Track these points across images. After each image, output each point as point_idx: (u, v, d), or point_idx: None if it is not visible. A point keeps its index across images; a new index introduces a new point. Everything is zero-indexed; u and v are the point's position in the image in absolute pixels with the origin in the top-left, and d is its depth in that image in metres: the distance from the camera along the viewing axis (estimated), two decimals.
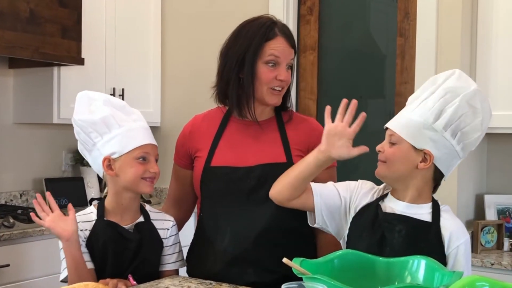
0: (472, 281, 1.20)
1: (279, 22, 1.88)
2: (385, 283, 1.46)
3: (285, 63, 1.84)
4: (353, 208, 1.70)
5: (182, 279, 1.79)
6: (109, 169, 1.78)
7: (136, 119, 1.81)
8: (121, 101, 1.85)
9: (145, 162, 1.77)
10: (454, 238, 1.59)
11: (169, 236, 1.86)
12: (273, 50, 1.82)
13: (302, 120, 1.97)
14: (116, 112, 1.78)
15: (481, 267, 2.63)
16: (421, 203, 1.64)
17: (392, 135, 1.62)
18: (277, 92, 1.85)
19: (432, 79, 1.66)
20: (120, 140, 1.75)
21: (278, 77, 1.83)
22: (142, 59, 3.77)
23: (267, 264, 1.81)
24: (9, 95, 3.33)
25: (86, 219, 1.80)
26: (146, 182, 1.78)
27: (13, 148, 3.35)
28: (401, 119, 1.62)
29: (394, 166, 1.62)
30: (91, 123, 1.76)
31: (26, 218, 2.81)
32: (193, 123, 2.00)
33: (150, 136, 1.82)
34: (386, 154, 1.61)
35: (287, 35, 1.85)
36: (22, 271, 2.69)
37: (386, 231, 1.60)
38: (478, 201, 3.05)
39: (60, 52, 3.05)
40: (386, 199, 1.68)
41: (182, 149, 1.99)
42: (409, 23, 3.13)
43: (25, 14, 2.89)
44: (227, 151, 1.89)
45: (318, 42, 3.46)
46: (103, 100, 1.78)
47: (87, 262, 1.74)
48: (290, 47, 1.85)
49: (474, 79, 2.90)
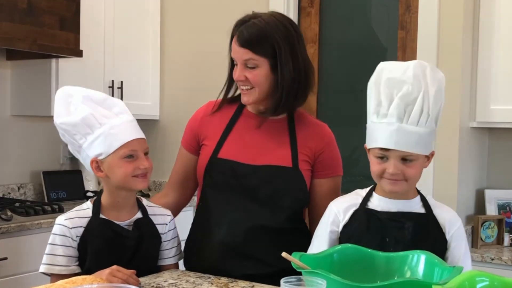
0: (471, 276, 1.19)
1: (250, 20, 1.81)
2: (384, 278, 1.45)
3: (240, 63, 1.82)
4: (342, 225, 1.67)
5: (181, 273, 1.79)
6: (99, 171, 1.72)
7: (119, 112, 1.73)
8: (101, 94, 1.75)
9: (134, 159, 1.71)
10: (452, 224, 1.63)
11: (168, 231, 1.85)
12: (231, 50, 1.85)
13: (314, 124, 1.95)
14: (97, 108, 1.70)
15: (481, 262, 2.63)
16: (412, 197, 1.65)
17: (407, 155, 1.56)
18: (243, 91, 1.85)
19: (390, 83, 1.57)
20: (104, 140, 1.68)
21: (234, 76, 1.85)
22: (141, 52, 3.75)
23: (264, 257, 1.81)
24: (6, 87, 3.31)
25: (82, 215, 1.74)
26: (138, 179, 1.72)
27: (10, 140, 3.34)
28: (410, 137, 1.55)
29: (416, 179, 1.61)
30: (72, 125, 1.69)
31: (24, 211, 2.80)
32: (206, 109, 1.99)
33: (135, 130, 1.74)
34: (408, 174, 1.57)
35: (239, 35, 1.80)
36: (19, 264, 2.68)
37: (395, 230, 1.59)
38: (478, 196, 3.04)
39: (58, 44, 3.03)
40: (373, 200, 1.66)
41: (191, 133, 1.98)
42: (410, 16, 3.11)
43: (22, 5, 2.87)
44: (235, 144, 1.89)
45: (319, 34, 3.44)
46: (82, 97, 1.70)
47: (73, 266, 1.71)
48: (240, 47, 1.80)
49: (476, 73, 2.89)
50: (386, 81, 1.58)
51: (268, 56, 1.80)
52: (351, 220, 1.65)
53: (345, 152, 2.40)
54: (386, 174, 1.58)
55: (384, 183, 1.60)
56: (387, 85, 1.58)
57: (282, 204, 1.83)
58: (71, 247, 1.70)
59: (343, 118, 3.32)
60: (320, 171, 1.90)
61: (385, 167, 1.57)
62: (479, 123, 2.90)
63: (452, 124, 2.81)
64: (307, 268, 1.34)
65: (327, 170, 1.90)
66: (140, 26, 3.72)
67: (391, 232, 1.59)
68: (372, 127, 1.61)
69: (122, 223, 1.76)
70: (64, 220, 1.71)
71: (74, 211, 1.76)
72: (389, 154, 1.57)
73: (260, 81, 1.81)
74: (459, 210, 2.81)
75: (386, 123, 1.56)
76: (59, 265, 1.69)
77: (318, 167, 1.89)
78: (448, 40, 2.84)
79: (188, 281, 1.69)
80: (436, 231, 1.61)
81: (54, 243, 1.70)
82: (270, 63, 1.80)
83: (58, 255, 1.69)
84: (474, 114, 2.90)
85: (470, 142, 2.95)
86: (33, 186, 3.43)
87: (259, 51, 1.79)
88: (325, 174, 1.90)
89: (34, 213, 2.81)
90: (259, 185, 1.83)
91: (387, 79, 1.58)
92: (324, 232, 1.69)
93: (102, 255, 1.71)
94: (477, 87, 2.89)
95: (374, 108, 1.60)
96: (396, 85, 1.56)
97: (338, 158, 1.94)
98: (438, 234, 1.61)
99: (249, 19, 1.82)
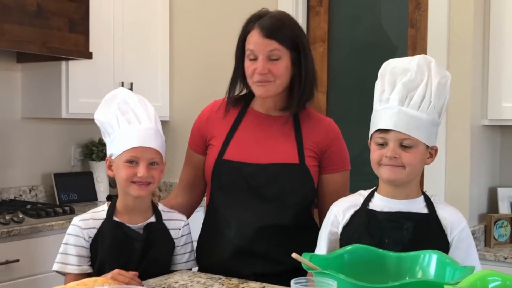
0: (483, 276, 1.18)
1: (267, 14, 1.84)
2: (395, 278, 1.44)
3: (263, 55, 1.80)
4: (341, 225, 1.66)
5: (191, 274, 1.79)
6: (109, 169, 1.82)
7: (142, 119, 1.78)
8: (137, 98, 1.82)
9: (135, 165, 1.74)
10: (455, 226, 1.60)
11: (181, 236, 1.86)
12: (249, 43, 1.83)
13: (319, 120, 1.94)
14: (127, 112, 1.77)
15: (494, 261, 2.60)
16: (415, 197, 1.63)
17: (406, 139, 1.55)
18: (261, 84, 1.82)
19: (395, 71, 1.60)
20: (117, 142, 1.77)
21: (256, 70, 1.81)
22: (151, 53, 3.75)
23: (273, 255, 1.81)
24: (17, 90, 3.32)
25: (97, 217, 1.79)
26: (134, 185, 1.75)
27: (22, 143, 3.35)
28: (410, 121, 1.55)
29: (415, 170, 1.59)
30: (101, 123, 1.80)
31: (35, 213, 2.81)
32: (211, 108, 1.99)
33: (146, 137, 1.76)
34: (406, 160, 1.55)
35: (264, 26, 1.81)
36: (32, 266, 2.69)
37: (393, 231, 1.57)
38: (491, 194, 3.01)
39: (67, 46, 3.04)
40: (374, 201, 1.65)
41: (198, 133, 1.98)
42: (420, 14, 3.09)
43: (32, 8, 2.88)
44: (241, 144, 1.88)
45: (328, 33, 3.43)
46: (121, 99, 1.79)
47: (85, 266, 1.75)
48: (265, 37, 1.80)
49: (487, 70, 2.86)
50: (391, 70, 1.60)
51: (289, 47, 1.82)
52: (351, 221, 1.64)
53: (355, 150, 2.39)
54: (384, 160, 1.56)
55: (382, 170, 1.58)
56: (392, 73, 1.60)
57: (290, 201, 1.83)
58: (84, 247, 1.75)
59: (353, 117, 3.31)
60: (328, 167, 1.89)
61: (383, 153, 1.57)
62: (490, 121, 2.88)
63: (463, 122, 2.79)
64: (317, 268, 1.34)
65: (335, 165, 1.89)
66: (149, 27, 3.73)
67: (389, 233, 1.57)
68: (374, 116, 1.62)
69: (134, 226, 1.78)
70: (78, 221, 1.77)
71: (90, 213, 1.81)
72: (388, 137, 1.56)
73: (282, 74, 1.82)
74: (471, 209, 2.79)
75: (388, 107, 1.57)
76: (71, 264, 1.74)
77: (326, 163, 1.88)
78: (458, 38, 2.81)
79: (199, 282, 1.69)
80: (437, 232, 1.58)
81: (67, 242, 1.76)
82: (291, 56, 1.82)
83: (71, 254, 1.75)
84: (485, 112, 2.88)
85: (482, 140, 2.92)
86: (44, 188, 3.44)
87: (283, 41, 1.81)
88: (333, 169, 1.89)
89: (45, 215, 2.83)
90: (266, 183, 1.82)
91: (392, 68, 1.61)
92: (323, 233, 1.69)
93: (111, 256, 1.74)
94: (488, 85, 2.87)
95: (378, 97, 1.61)
96: (400, 72, 1.59)
97: (345, 153, 1.93)
98: (439, 235, 1.58)
99: (264, 14, 1.84)
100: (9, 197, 3.26)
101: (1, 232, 2.57)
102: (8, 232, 2.60)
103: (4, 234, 2.58)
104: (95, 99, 3.10)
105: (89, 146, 3.57)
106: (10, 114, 3.29)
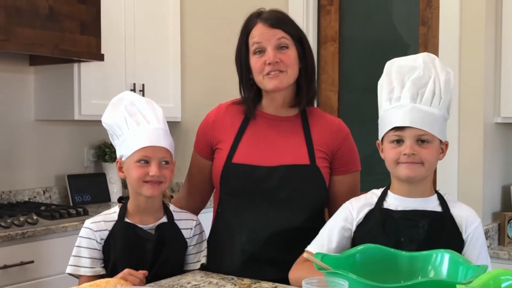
0: (496, 275, 1.17)
1: (265, 10, 1.87)
2: (408, 278, 1.43)
3: (271, 45, 1.80)
4: (356, 223, 1.65)
5: (203, 275, 1.79)
6: (120, 171, 1.83)
7: (150, 119, 1.78)
8: (145, 100, 1.83)
9: (146, 165, 1.75)
10: (469, 223, 1.60)
11: (193, 235, 1.86)
12: (253, 38, 1.83)
13: (328, 120, 1.92)
14: (135, 113, 1.78)
15: (508, 260, 2.59)
16: (429, 195, 1.63)
17: (423, 134, 1.55)
18: (273, 75, 1.80)
19: (401, 69, 1.61)
20: (127, 143, 1.77)
21: (266, 61, 1.80)
22: (162, 54, 3.76)
23: (285, 261, 1.77)
24: (30, 93, 3.34)
25: (108, 219, 1.80)
26: (147, 185, 1.75)
27: (35, 145, 3.38)
28: (425, 116, 1.55)
29: (432, 166, 1.59)
30: (109, 125, 1.81)
31: (49, 214, 2.83)
32: (217, 112, 1.97)
33: (156, 137, 1.77)
34: (424, 156, 1.55)
35: (267, 18, 1.82)
36: (46, 267, 2.71)
37: (409, 229, 1.57)
38: (504, 192, 2.99)
39: (79, 48, 3.06)
40: (388, 200, 1.64)
41: (204, 138, 1.96)
42: (431, 12, 3.08)
43: (44, 10, 2.90)
44: (249, 147, 1.86)
45: (339, 33, 3.42)
46: (128, 101, 1.80)
47: (98, 268, 1.76)
48: (270, 28, 1.81)
49: (500, 67, 2.84)
50: (397, 69, 1.61)
51: (295, 38, 1.83)
52: (366, 219, 1.63)
53: (366, 150, 2.38)
54: (402, 158, 1.56)
55: (400, 168, 1.57)
56: (399, 71, 1.60)
57: (302, 203, 1.81)
58: (96, 249, 1.76)
59: (364, 116, 3.29)
60: (339, 168, 1.87)
61: (400, 150, 1.56)
62: (504, 119, 2.86)
63: (476, 120, 2.77)
64: (329, 268, 1.33)
65: (346, 166, 1.88)
66: (160, 28, 3.74)
67: (405, 231, 1.57)
68: (385, 115, 1.61)
69: (146, 227, 1.79)
70: (90, 223, 1.78)
71: (102, 215, 1.82)
72: (404, 135, 1.56)
73: (293, 62, 1.82)
74: (484, 208, 2.77)
75: (400, 105, 1.57)
76: (84, 267, 1.75)
77: (337, 164, 1.87)
78: (470, 35, 2.79)
79: (211, 283, 1.69)
80: (452, 230, 1.58)
81: (80, 245, 1.77)
82: (297, 48, 1.83)
83: (83, 257, 1.75)
84: (498, 110, 2.86)
85: (495, 138, 2.90)
86: (58, 189, 3.47)
87: (289, 31, 1.82)
88: (345, 170, 1.88)
89: (59, 217, 2.84)
90: (277, 186, 1.80)
91: (398, 66, 1.61)
92: (337, 228, 1.66)
93: (124, 257, 1.74)
94: (501, 82, 2.85)
95: (386, 96, 1.61)
96: (407, 70, 1.59)
97: (356, 153, 1.92)
98: (454, 233, 1.58)
99: (263, 11, 1.87)
100: (23, 199, 3.28)
101: (16, 233, 2.59)
102: (23, 233, 2.62)
103: (18, 236, 2.60)
104: (107, 100, 3.07)
105: (102, 147, 3.59)
106: (23, 116, 3.32)
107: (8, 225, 2.62)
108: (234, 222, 1.85)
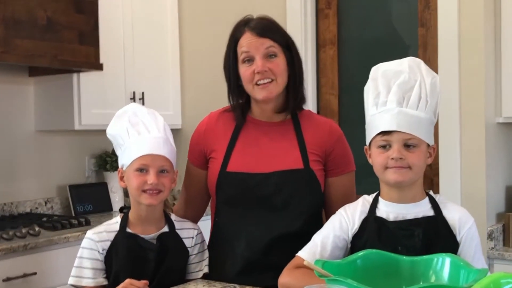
0: (497, 279, 1.17)
1: (253, 19, 1.86)
2: (409, 283, 1.42)
3: (259, 54, 1.80)
4: (351, 233, 1.64)
5: (205, 283, 1.79)
6: (121, 180, 1.83)
7: (151, 128, 1.79)
8: (146, 110, 1.84)
9: (145, 173, 1.75)
10: (463, 224, 1.58)
11: (194, 244, 1.86)
12: (241, 47, 1.83)
13: (320, 122, 1.92)
14: (137, 124, 1.79)
15: None
16: (419, 199, 1.61)
17: (410, 138, 1.55)
18: (263, 86, 1.81)
19: (387, 74, 1.60)
20: (127, 152, 1.78)
21: (255, 70, 1.80)
22: (161, 62, 3.76)
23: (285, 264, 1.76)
24: (30, 103, 3.35)
25: (110, 229, 1.80)
26: (145, 194, 1.75)
27: (36, 156, 3.37)
28: (411, 120, 1.54)
29: (420, 170, 1.58)
30: (113, 136, 1.83)
31: (51, 225, 2.83)
32: (208, 121, 1.97)
33: (155, 146, 1.77)
34: (411, 160, 1.54)
35: (254, 27, 1.82)
36: (49, 279, 2.71)
37: (405, 238, 1.56)
38: (508, 193, 2.98)
39: (78, 58, 3.06)
40: (380, 207, 1.62)
41: (197, 147, 1.95)
42: (430, 13, 3.07)
43: (42, 21, 2.90)
44: (243, 154, 1.86)
45: (338, 36, 3.41)
46: (131, 112, 1.82)
47: (101, 279, 1.75)
48: (258, 37, 1.81)
49: (500, 68, 2.83)
50: (383, 73, 1.60)
51: (283, 46, 1.83)
52: (362, 228, 1.61)
53: None
54: (390, 162, 1.55)
55: (389, 173, 1.56)
56: (384, 76, 1.60)
57: (299, 208, 1.81)
58: (98, 260, 1.76)
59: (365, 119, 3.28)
60: (333, 169, 1.87)
61: (388, 155, 1.55)
62: (505, 119, 2.85)
63: (477, 120, 2.76)
64: (330, 275, 1.32)
65: (340, 168, 1.88)
66: (158, 36, 3.74)
67: (401, 241, 1.55)
68: (371, 120, 1.61)
69: (147, 236, 1.79)
70: (92, 234, 1.78)
71: (103, 226, 1.82)
72: (391, 139, 1.55)
73: (282, 71, 1.82)
74: (488, 208, 2.75)
75: (386, 109, 1.57)
76: (86, 278, 1.75)
77: (331, 165, 1.87)
78: (469, 35, 2.79)
79: None
80: (446, 233, 1.57)
81: (82, 256, 1.77)
82: (285, 55, 1.83)
83: (86, 267, 1.75)
84: (500, 110, 2.85)
85: (497, 138, 2.89)
86: (59, 200, 3.46)
87: (277, 39, 1.82)
88: (339, 171, 1.88)
89: (61, 227, 2.84)
90: (273, 192, 1.80)
91: (384, 71, 1.61)
92: (331, 236, 1.63)
93: (126, 267, 1.74)
94: (501, 82, 2.83)
95: (372, 101, 1.61)
96: (393, 75, 1.59)
97: (350, 153, 1.92)
98: (448, 236, 1.57)
99: (250, 18, 1.87)
100: (25, 210, 3.28)
101: (18, 246, 2.58)
102: (25, 245, 2.61)
103: (21, 248, 2.59)
104: (108, 110, 3.14)
105: (103, 156, 3.58)
106: (23, 127, 3.32)
107: (10, 237, 2.62)
108: (232, 230, 1.85)
